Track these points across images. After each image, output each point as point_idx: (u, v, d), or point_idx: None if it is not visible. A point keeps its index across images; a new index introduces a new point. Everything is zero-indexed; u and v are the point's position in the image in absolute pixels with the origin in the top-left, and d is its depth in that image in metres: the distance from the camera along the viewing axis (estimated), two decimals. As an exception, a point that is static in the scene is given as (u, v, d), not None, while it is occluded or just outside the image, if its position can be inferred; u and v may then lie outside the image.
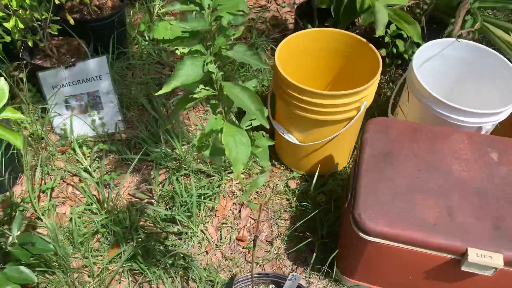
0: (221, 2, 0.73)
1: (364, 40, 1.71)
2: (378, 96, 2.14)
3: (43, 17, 1.87)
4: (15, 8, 1.75)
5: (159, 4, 2.56)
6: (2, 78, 0.82)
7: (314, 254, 1.63)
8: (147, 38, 2.41)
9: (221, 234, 1.73)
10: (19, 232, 1.28)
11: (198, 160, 1.89)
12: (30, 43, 1.90)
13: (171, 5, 0.80)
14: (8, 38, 1.78)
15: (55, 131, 2.00)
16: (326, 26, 2.24)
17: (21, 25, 1.76)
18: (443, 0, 2.01)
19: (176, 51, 0.79)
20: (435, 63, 1.79)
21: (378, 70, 1.60)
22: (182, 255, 1.64)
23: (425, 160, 1.37)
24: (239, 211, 1.80)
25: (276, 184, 1.87)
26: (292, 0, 2.70)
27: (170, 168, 1.85)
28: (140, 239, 1.67)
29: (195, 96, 0.79)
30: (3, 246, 1.28)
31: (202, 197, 1.77)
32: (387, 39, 2.04)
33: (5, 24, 1.74)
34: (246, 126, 0.92)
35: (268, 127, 0.82)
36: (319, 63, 1.89)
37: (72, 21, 1.94)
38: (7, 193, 1.78)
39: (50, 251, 1.30)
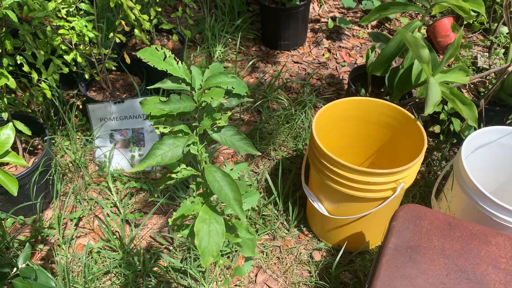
0: (212, 84, 0.69)
1: (413, 117, 1.60)
2: (427, 174, 1.99)
3: (103, 52, 1.96)
4: (77, 43, 1.85)
5: (220, 50, 2.61)
6: (10, 124, 0.84)
7: None
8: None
9: (232, 297, 1.65)
10: (24, 264, 1.29)
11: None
12: (86, 76, 1.99)
13: (161, 82, 0.77)
14: (66, 70, 1.87)
15: (95, 161, 2.06)
16: (379, 93, 2.15)
17: (79, 59, 1.85)
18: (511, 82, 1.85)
19: (156, 130, 0.76)
20: (489, 151, 1.63)
21: (422, 151, 1.48)
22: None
23: (456, 264, 1.22)
24: (256, 275, 1.71)
25: (300, 253, 1.77)
26: (354, 60, 2.63)
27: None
28: (150, 286, 1.64)
29: (173, 176, 0.74)
30: (7, 276, 1.29)
31: (220, 253, 1.70)
32: (442, 116, 1.90)
33: (65, 57, 1.83)
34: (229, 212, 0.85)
35: (245, 221, 0.76)
36: (362, 133, 1.79)
37: (128, 60, 2.02)
38: (38, 217, 1.83)
39: (50, 289, 1.29)
